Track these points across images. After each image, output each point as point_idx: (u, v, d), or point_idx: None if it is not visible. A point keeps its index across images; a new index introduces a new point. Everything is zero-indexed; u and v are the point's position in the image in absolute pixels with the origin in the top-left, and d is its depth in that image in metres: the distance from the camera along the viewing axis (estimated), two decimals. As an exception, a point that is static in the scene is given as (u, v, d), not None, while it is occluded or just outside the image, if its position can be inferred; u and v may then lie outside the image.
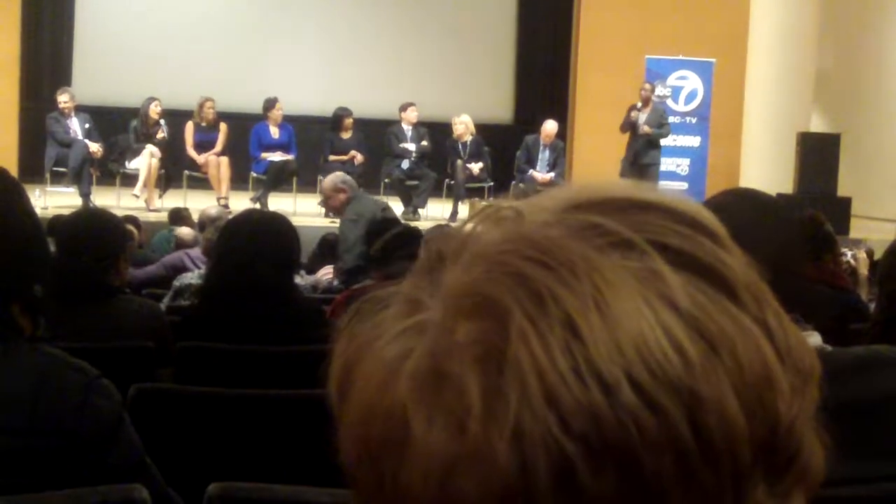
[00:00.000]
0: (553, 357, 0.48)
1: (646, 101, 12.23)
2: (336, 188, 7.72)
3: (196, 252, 6.84)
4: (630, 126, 12.17)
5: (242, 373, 3.40)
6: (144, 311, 3.62)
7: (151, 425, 2.51)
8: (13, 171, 12.83)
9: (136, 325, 3.50)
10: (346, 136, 12.46)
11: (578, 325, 0.48)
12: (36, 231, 1.77)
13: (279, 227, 3.76)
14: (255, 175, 12.12)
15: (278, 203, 11.15)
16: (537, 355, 0.48)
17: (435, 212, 11.97)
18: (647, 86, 12.42)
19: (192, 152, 12.02)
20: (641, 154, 12.10)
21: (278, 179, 11.96)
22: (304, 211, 11.30)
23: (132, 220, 8.15)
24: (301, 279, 5.35)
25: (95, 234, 3.43)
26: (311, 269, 7.24)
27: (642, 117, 12.12)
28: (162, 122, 11.90)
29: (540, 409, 0.47)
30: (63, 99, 11.76)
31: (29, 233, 1.75)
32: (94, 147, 11.58)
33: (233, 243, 3.65)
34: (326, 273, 6.97)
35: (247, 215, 3.86)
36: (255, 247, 3.59)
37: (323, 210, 10.14)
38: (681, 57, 13.51)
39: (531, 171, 12.40)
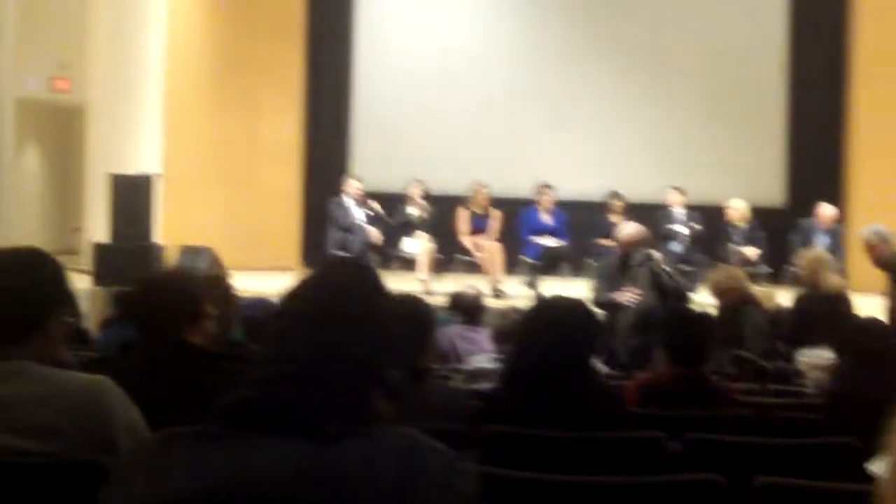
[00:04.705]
0: None
1: None
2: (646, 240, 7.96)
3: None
4: None
5: (544, 458, 3.43)
6: (451, 394, 3.72)
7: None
8: (295, 254, 13.47)
9: (443, 407, 3.59)
10: (616, 220, 12.46)
11: None
12: (395, 319, 1.87)
13: (579, 313, 3.81)
14: (526, 259, 12.29)
15: (550, 288, 11.21)
16: None
17: (707, 297, 11.73)
18: None
19: (464, 240, 12.30)
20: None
21: (550, 265, 12.08)
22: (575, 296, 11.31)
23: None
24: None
25: (410, 320, 3.55)
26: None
27: None
28: (421, 201, 12.25)
29: None
30: (354, 185, 12.34)
31: (391, 321, 1.85)
32: (375, 233, 12.06)
33: (535, 329, 3.71)
34: None
35: (548, 302, 3.92)
36: (556, 332, 3.64)
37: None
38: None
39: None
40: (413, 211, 12.27)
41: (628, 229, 8.26)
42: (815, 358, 6.52)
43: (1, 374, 2.60)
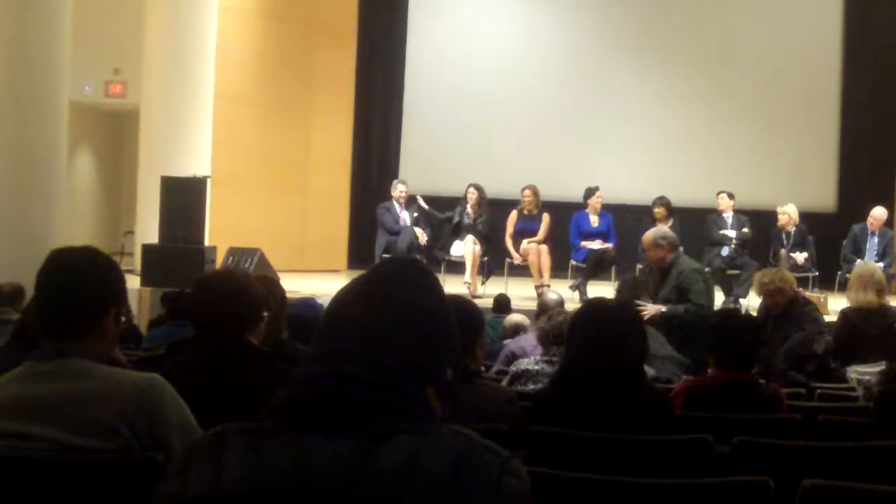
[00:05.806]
0: None
1: None
2: (657, 244, 8.00)
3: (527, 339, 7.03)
4: None
5: (592, 459, 3.44)
6: (498, 395, 3.74)
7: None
8: (343, 257, 13.53)
9: (491, 408, 3.62)
10: (661, 224, 12.40)
11: None
12: (449, 317, 1.88)
13: (627, 317, 3.82)
14: (574, 263, 12.27)
15: (597, 291, 11.19)
16: None
17: (755, 301, 11.66)
18: None
19: (508, 241, 12.30)
20: None
21: (597, 267, 12.07)
22: (622, 299, 11.27)
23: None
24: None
25: (461, 320, 3.56)
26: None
27: None
28: (473, 205, 12.27)
29: None
30: (400, 189, 12.41)
31: (445, 319, 1.86)
32: (421, 235, 12.10)
33: (584, 332, 3.72)
34: None
35: (596, 305, 3.93)
36: (605, 336, 3.65)
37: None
38: None
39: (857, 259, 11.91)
40: (463, 213, 12.28)
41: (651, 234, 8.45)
42: (864, 372, 6.48)
43: (59, 371, 2.65)
